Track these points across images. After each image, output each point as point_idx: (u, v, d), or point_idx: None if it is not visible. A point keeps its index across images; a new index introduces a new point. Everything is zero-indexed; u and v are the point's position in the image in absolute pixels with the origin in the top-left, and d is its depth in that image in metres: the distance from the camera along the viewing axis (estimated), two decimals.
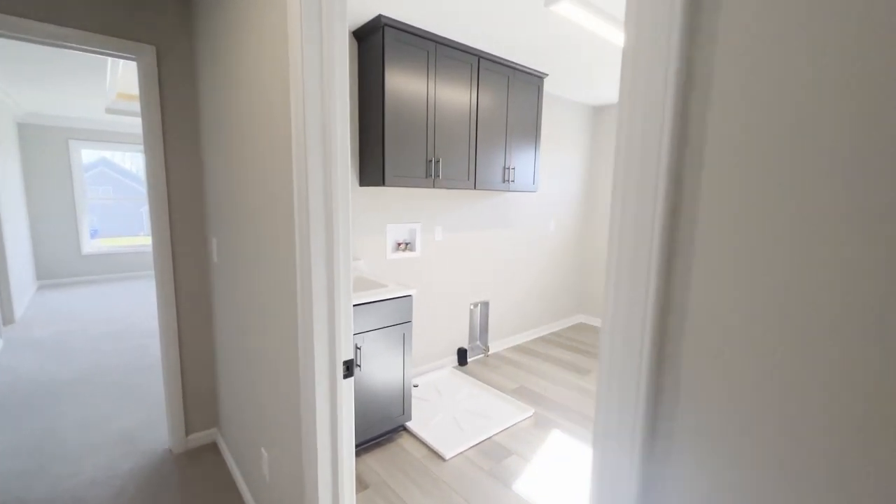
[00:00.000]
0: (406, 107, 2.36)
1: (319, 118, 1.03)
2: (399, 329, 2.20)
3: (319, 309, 1.08)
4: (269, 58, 1.23)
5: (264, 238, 1.38)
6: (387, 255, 2.78)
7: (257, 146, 1.38)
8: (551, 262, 4.09)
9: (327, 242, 1.10)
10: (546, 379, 3.11)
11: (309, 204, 1.04)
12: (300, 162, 1.05)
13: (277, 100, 1.19)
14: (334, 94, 1.03)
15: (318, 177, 1.04)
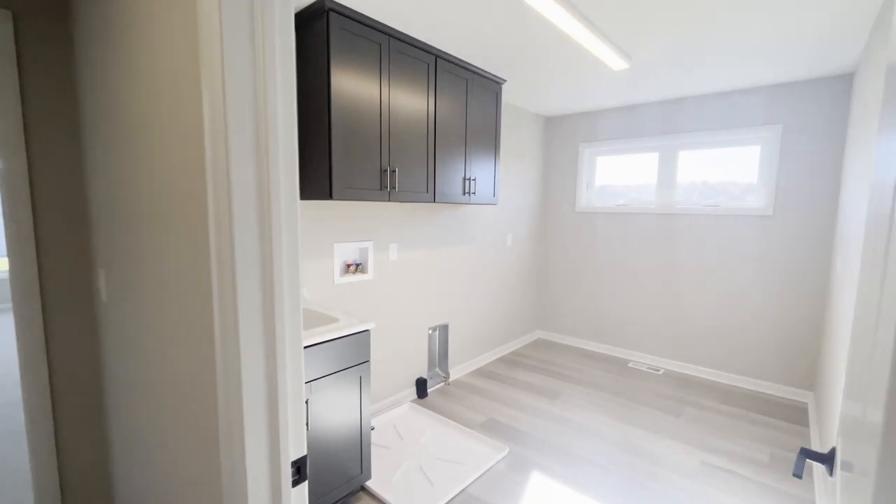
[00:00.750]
0: (356, 109, 2.02)
1: (249, 99, 0.67)
2: (355, 372, 1.83)
3: (254, 389, 0.72)
4: (175, 17, 0.85)
5: (168, 278, 0.98)
6: (334, 279, 2.39)
7: (162, 149, 0.98)
8: (510, 277, 3.89)
9: (264, 284, 0.74)
10: (515, 407, 2.86)
11: (233, 227, 0.68)
12: (218, 163, 0.68)
13: (187, 78, 0.82)
14: (274, 66, 0.69)
15: (247, 187, 0.69)
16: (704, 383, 3.30)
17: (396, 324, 2.81)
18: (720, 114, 3.21)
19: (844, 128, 2.75)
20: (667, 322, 3.60)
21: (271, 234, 0.72)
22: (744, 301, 3.22)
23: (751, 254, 3.16)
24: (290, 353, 0.76)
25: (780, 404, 2.96)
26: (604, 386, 3.21)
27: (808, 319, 2.97)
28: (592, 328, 4.03)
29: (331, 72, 1.89)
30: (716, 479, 2.13)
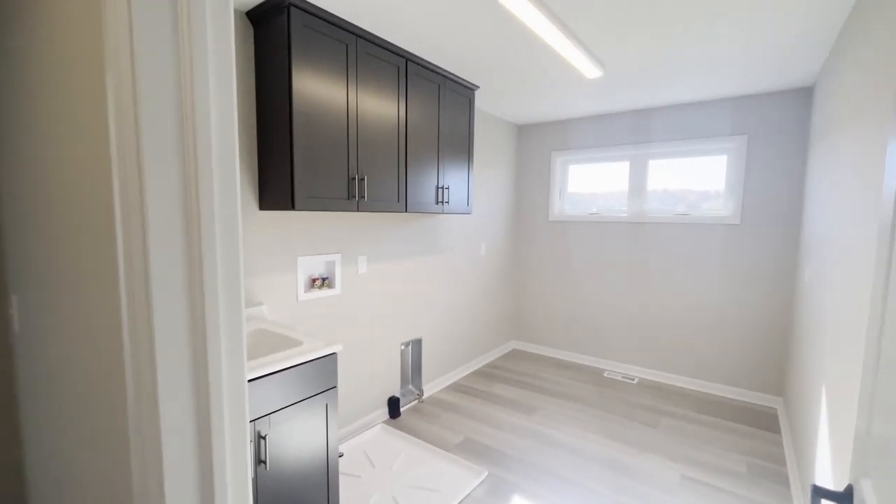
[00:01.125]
0: (321, 113, 1.87)
1: (170, 95, 0.53)
2: (321, 399, 1.66)
3: (177, 447, 0.57)
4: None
5: (75, 305, 0.80)
6: (298, 295, 2.21)
7: (66, 152, 0.81)
8: (484, 287, 3.80)
9: (192, 312, 0.59)
10: (492, 425, 2.74)
11: (148, 246, 0.54)
12: (127, 170, 0.54)
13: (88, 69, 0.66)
14: (205, 56, 0.55)
15: (167, 199, 0.54)
16: (678, 391, 3.30)
17: (366, 341, 2.64)
18: (688, 124, 3.25)
19: (807, 138, 2.83)
20: (640, 330, 3.60)
21: (201, 253, 0.57)
22: (714, 308, 3.25)
23: (720, 262, 3.21)
24: (230, 398, 0.61)
25: (751, 411, 2.98)
26: (581, 398, 3.16)
27: (776, 326, 3.03)
28: (567, 338, 3.99)
29: (292, 72, 1.74)
30: (697, 494, 2.08)
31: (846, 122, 1.70)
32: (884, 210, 0.70)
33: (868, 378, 0.72)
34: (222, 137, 0.59)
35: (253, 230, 1.97)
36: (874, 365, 0.69)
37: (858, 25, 1.66)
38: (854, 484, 0.76)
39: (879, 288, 0.69)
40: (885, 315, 0.66)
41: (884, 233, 0.69)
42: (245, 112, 1.89)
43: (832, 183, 1.89)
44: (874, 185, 1.27)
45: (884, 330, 0.66)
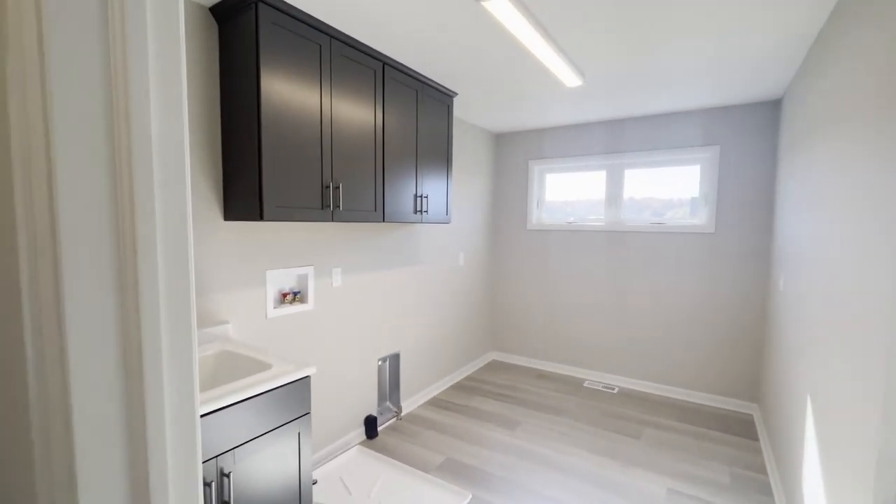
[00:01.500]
0: (293, 117, 1.75)
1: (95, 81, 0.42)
2: (293, 427, 1.52)
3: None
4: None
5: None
6: (267, 311, 2.06)
7: None
8: (463, 298, 3.71)
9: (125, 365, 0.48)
10: (474, 442, 2.64)
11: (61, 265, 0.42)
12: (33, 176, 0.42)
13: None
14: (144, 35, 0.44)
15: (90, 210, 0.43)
16: (658, 400, 3.30)
17: (342, 357, 2.50)
18: (662, 134, 3.30)
19: (776, 149, 2.91)
20: (618, 339, 3.59)
21: (138, 281, 0.46)
22: (690, 316, 3.28)
23: (696, 270, 3.24)
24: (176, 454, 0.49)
25: (729, 418, 3.01)
26: (563, 410, 3.10)
27: (750, 333, 3.07)
28: (547, 347, 3.95)
29: (260, 73, 1.62)
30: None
31: (830, 130, 1.72)
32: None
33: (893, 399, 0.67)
34: (168, 143, 0.48)
35: (216, 243, 1.81)
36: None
37: (830, 42, 1.69)
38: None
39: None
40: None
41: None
42: (208, 116, 1.74)
43: (811, 192, 1.91)
44: (862, 193, 1.26)
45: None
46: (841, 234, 1.43)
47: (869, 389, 1.10)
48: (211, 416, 1.25)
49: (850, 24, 1.48)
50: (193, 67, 1.68)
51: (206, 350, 1.69)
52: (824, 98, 1.76)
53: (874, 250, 1.14)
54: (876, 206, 1.16)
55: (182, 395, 0.58)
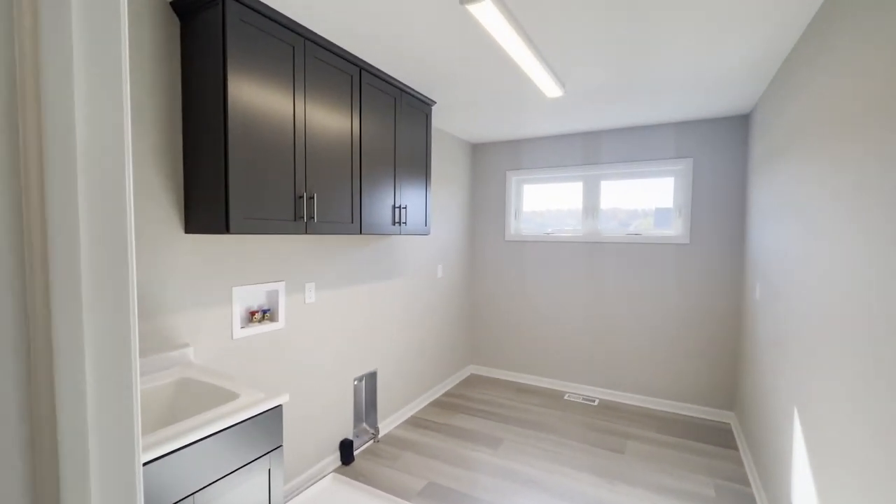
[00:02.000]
0: (263, 123, 1.62)
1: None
2: (262, 463, 1.37)
3: None
4: None
5: None
6: (234, 331, 1.89)
7: None
8: (441, 311, 3.61)
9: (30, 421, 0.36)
10: (457, 463, 2.52)
11: None
12: None
13: None
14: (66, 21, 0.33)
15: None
16: (638, 411, 3.29)
17: (316, 379, 2.34)
18: (637, 146, 3.34)
19: (746, 162, 2.99)
20: (597, 350, 3.58)
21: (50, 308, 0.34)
22: (667, 326, 3.31)
23: (671, 280, 3.28)
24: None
25: (709, 427, 3.02)
26: (545, 425, 3.03)
27: (726, 342, 3.12)
28: (526, 360, 3.89)
29: (227, 75, 1.49)
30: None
31: (803, 144, 1.75)
32: None
33: None
34: (100, 138, 0.36)
35: (176, 258, 1.65)
36: None
37: (802, 58, 1.73)
38: None
39: None
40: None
41: None
42: (168, 119, 1.59)
43: (784, 203, 1.94)
44: (835, 203, 1.26)
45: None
46: (817, 244, 1.44)
47: (862, 401, 1.08)
48: (168, 457, 1.09)
49: (821, 47, 1.51)
50: (150, 66, 1.53)
51: (164, 378, 1.51)
52: (797, 113, 1.79)
53: (853, 258, 1.14)
54: (851, 215, 1.16)
55: (117, 452, 0.47)
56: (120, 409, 0.48)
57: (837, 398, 1.29)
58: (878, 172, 1.10)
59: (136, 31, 1.48)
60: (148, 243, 1.55)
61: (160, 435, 1.10)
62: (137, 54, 1.49)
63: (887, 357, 1.02)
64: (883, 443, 1.02)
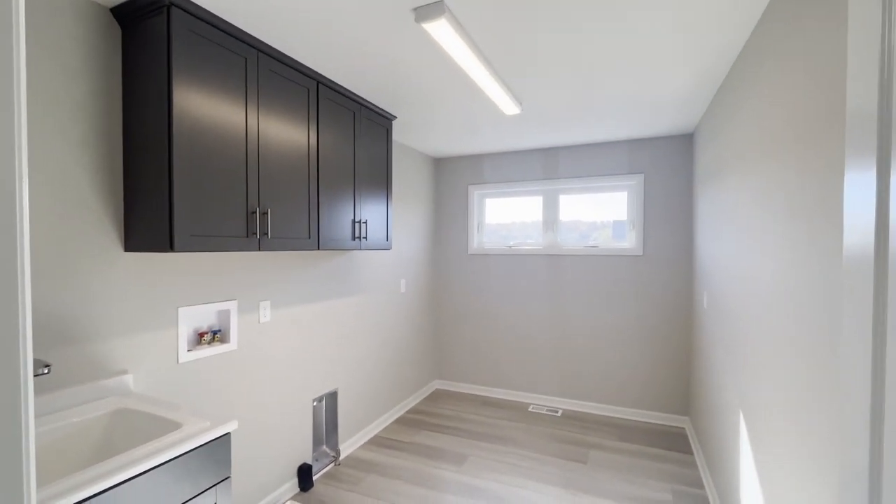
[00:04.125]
0: (212, 136, 1.56)
1: None
2: (208, 497, 1.27)
3: None
4: None
5: None
6: (179, 355, 1.77)
7: None
8: (405, 326, 3.56)
9: None
10: (420, 483, 2.47)
11: None
12: None
13: None
14: None
15: None
16: (599, 419, 3.35)
17: (271, 402, 2.23)
18: (592, 163, 3.48)
19: (692, 178, 3.17)
20: (559, 361, 3.64)
21: None
22: (623, 335, 3.42)
23: (627, 291, 3.40)
24: None
25: (664, 433, 3.12)
26: (509, 438, 3.03)
27: (679, 350, 3.25)
28: (491, 373, 3.90)
29: (172, 85, 1.42)
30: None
31: (738, 164, 1.87)
32: (850, 243, 0.67)
33: (854, 450, 0.66)
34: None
35: (114, 277, 1.53)
36: (875, 434, 0.63)
37: (730, 88, 1.87)
38: None
39: (865, 330, 0.64)
40: (885, 364, 0.60)
41: (861, 269, 0.65)
42: (106, 132, 1.50)
43: (722, 217, 2.06)
44: (786, 219, 1.35)
45: (884, 382, 0.60)
46: (750, 255, 1.54)
47: (810, 406, 1.14)
48: (100, 496, 0.99)
49: (746, 79, 1.64)
50: (85, 75, 1.44)
51: (97, 409, 1.39)
52: (728, 134, 1.93)
53: (780, 268, 1.22)
54: (772, 227, 1.24)
55: None
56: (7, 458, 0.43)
57: (773, 401, 1.36)
58: (798, 187, 1.19)
59: (68, 36, 1.39)
60: (81, 263, 1.44)
61: (89, 473, 1.00)
62: (72, 61, 1.40)
63: (810, 361, 1.09)
64: (806, 442, 1.08)
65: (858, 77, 0.68)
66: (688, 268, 3.22)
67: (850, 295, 0.68)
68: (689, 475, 2.55)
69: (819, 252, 1.08)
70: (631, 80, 2.14)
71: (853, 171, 0.68)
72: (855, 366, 0.67)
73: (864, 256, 0.65)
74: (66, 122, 1.39)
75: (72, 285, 1.41)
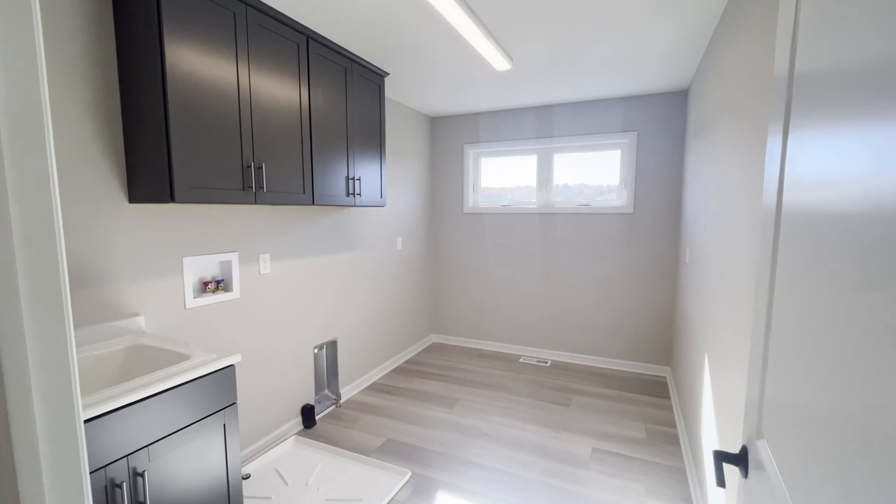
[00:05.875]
0: (205, 90, 1.62)
1: None
2: (217, 419, 1.44)
3: None
4: None
5: None
6: (186, 301, 1.92)
7: None
8: (402, 282, 3.71)
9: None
10: (414, 422, 2.68)
11: None
12: None
13: None
14: None
15: None
16: (586, 370, 3.55)
17: (274, 347, 2.40)
18: (586, 120, 3.48)
19: (684, 135, 3.19)
20: (551, 315, 3.80)
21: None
22: (614, 290, 3.55)
23: (617, 248, 3.50)
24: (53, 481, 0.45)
25: (646, 381, 3.31)
26: (499, 385, 3.23)
27: (664, 303, 3.39)
28: (485, 327, 4.08)
29: (164, 41, 1.47)
30: (606, 463, 2.24)
31: (718, 121, 1.91)
32: (766, 198, 0.75)
33: (757, 349, 0.78)
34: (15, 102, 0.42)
35: (121, 227, 1.65)
36: (764, 337, 0.74)
37: (724, 37, 1.88)
38: (748, 445, 0.82)
39: (766, 268, 0.74)
40: (773, 294, 0.71)
41: (768, 220, 0.74)
42: (104, 89, 1.56)
43: (701, 175, 2.13)
44: (744, 175, 1.42)
45: (772, 307, 0.71)
46: (716, 213, 1.62)
47: (744, 347, 1.27)
48: (118, 412, 1.15)
49: (729, 33, 1.65)
50: (78, 29, 1.49)
51: (115, 345, 1.54)
52: (711, 91, 1.95)
53: (738, 226, 1.31)
54: (731, 191, 1.32)
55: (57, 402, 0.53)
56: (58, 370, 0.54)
57: (729, 347, 1.49)
58: (751, 145, 1.26)
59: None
60: (90, 214, 1.54)
61: (112, 391, 1.15)
62: (68, 22, 1.44)
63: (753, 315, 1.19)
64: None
65: (781, 45, 0.74)
66: (675, 225, 3.30)
67: (761, 242, 0.78)
68: (664, 416, 2.75)
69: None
70: (620, 35, 2.14)
71: (772, 135, 0.76)
72: (761, 298, 0.78)
73: (770, 208, 0.74)
74: (69, 82, 1.46)
75: (81, 234, 1.53)
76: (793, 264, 0.63)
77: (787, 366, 0.64)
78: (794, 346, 0.62)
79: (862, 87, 0.44)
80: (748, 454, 0.81)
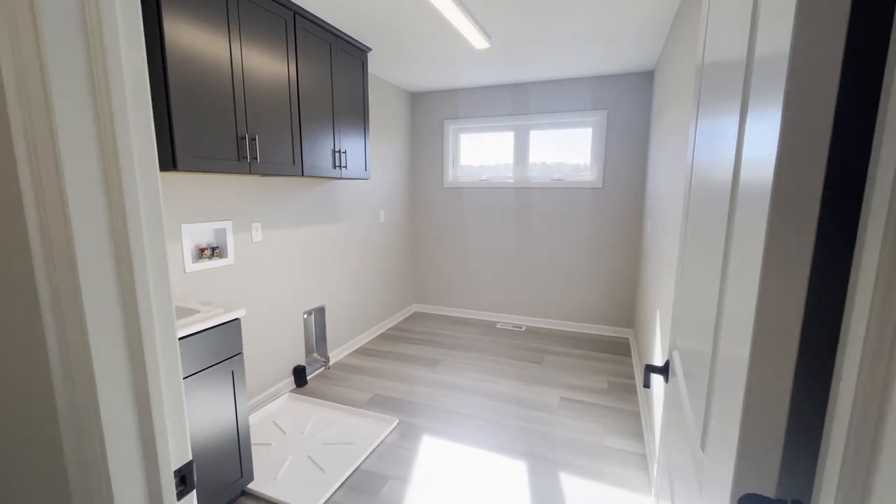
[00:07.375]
0: (202, 65, 1.71)
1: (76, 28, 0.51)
2: (226, 367, 1.61)
3: (113, 388, 0.57)
4: None
5: None
6: (185, 265, 2.04)
7: None
8: (385, 253, 3.87)
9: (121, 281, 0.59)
10: (399, 380, 2.91)
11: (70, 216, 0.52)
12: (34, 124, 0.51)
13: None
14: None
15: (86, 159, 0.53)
16: (558, 333, 3.84)
17: (266, 311, 2.56)
18: (560, 98, 3.66)
19: (649, 115, 3.41)
20: (526, 284, 4.05)
21: (126, 219, 0.57)
22: (583, 260, 3.82)
23: (587, 220, 3.75)
24: (163, 341, 0.62)
25: (611, 342, 3.63)
26: (477, 348, 3.49)
27: (628, 271, 3.68)
28: (464, 296, 4.31)
29: (163, 20, 1.56)
30: (572, 409, 2.52)
31: (672, 103, 2.12)
32: (687, 175, 0.96)
33: (678, 286, 1.00)
34: (134, 88, 0.57)
35: None
36: (680, 276, 0.96)
37: (680, 23, 2.07)
38: (669, 358, 1.05)
39: (682, 226, 0.95)
40: (686, 244, 0.92)
41: (685, 195, 0.95)
42: None
43: (665, 152, 2.35)
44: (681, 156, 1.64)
45: (684, 255, 0.93)
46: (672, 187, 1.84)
47: None
48: None
49: (685, 17, 1.84)
50: None
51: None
52: (672, 71, 2.16)
53: None
54: None
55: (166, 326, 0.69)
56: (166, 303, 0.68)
57: (669, 299, 1.74)
58: None
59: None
60: None
61: None
62: None
63: None
64: None
65: (700, 38, 0.93)
66: (640, 198, 3.56)
67: (682, 210, 0.99)
68: (624, 370, 3.06)
69: None
70: (589, 11, 2.30)
71: (692, 120, 0.95)
72: (680, 249, 0.99)
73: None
74: None
75: None
76: (692, 221, 0.85)
77: (685, 291, 0.86)
78: (688, 276, 0.83)
79: (716, 82, 0.64)
80: (669, 365, 1.05)
